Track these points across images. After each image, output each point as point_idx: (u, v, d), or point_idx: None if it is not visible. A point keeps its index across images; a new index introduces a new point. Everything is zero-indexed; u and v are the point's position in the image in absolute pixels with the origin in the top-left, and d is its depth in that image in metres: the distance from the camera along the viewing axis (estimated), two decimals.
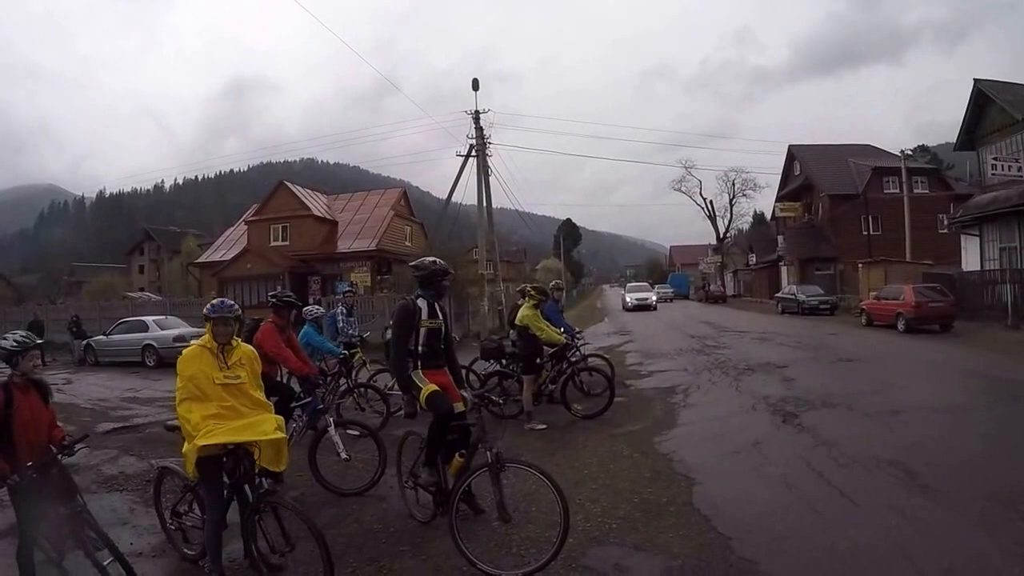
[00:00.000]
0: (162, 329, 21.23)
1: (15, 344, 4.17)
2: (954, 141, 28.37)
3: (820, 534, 4.75)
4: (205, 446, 4.06)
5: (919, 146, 59.83)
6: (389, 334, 5.85)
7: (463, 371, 6.65)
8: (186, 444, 4.18)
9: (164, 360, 19.15)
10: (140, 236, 79.49)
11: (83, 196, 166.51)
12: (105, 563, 4.15)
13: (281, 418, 4.55)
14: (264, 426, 4.29)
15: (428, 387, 5.18)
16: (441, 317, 5.50)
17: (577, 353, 10.29)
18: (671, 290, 58.24)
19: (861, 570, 4.13)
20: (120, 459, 8.16)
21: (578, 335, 10.75)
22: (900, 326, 19.51)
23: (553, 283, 11.81)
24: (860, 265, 32.46)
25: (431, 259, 5.66)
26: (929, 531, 4.66)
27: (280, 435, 4.35)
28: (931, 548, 4.36)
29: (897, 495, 5.41)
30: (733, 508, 5.38)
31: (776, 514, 5.21)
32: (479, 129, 27.66)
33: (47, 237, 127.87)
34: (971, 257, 24.95)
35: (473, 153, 27.79)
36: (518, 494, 5.61)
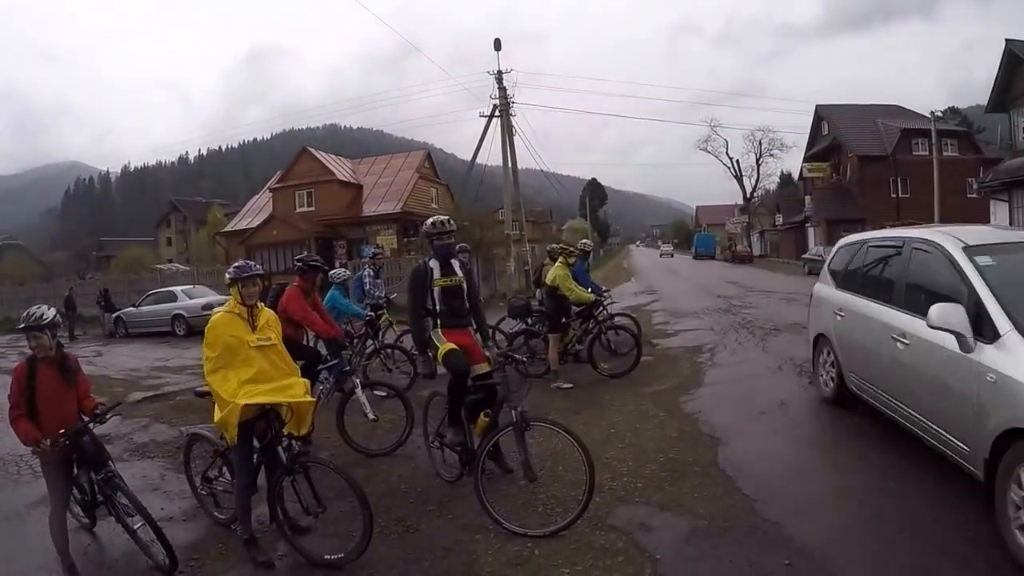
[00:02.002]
0: (190, 298, 21.50)
1: (32, 319, 4.22)
2: (986, 103, 27.74)
3: (844, 498, 4.75)
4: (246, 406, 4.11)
5: (949, 108, 58.54)
6: None
7: (490, 330, 6.71)
8: (217, 412, 4.19)
9: (193, 329, 19.42)
10: (166, 208, 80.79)
11: (108, 171, 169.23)
12: (136, 527, 4.25)
13: (307, 381, 4.58)
14: (295, 389, 4.33)
15: (444, 346, 5.25)
16: (461, 275, 5.49)
17: (604, 312, 10.36)
18: (672, 248, 56.66)
19: (883, 535, 4.13)
20: (151, 427, 8.30)
21: (605, 294, 10.81)
22: None
23: (581, 242, 11.87)
24: (888, 227, 31.98)
25: (431, 219, 5.63)
26: (954, 499, 4.58)
27: (311, 399, 4.42)
28: (956, 516, 4.30)
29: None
30: (758, 469, 5.38)
31: (801, 477, 5.21)
32: (502, 89, 27.48)
33: (74, 214, 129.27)
34: (1000, 223, 24.40)
35: (497, 114, 27.64)
36: (544, 453, 5.67)
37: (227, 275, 4.44)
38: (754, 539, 4.20)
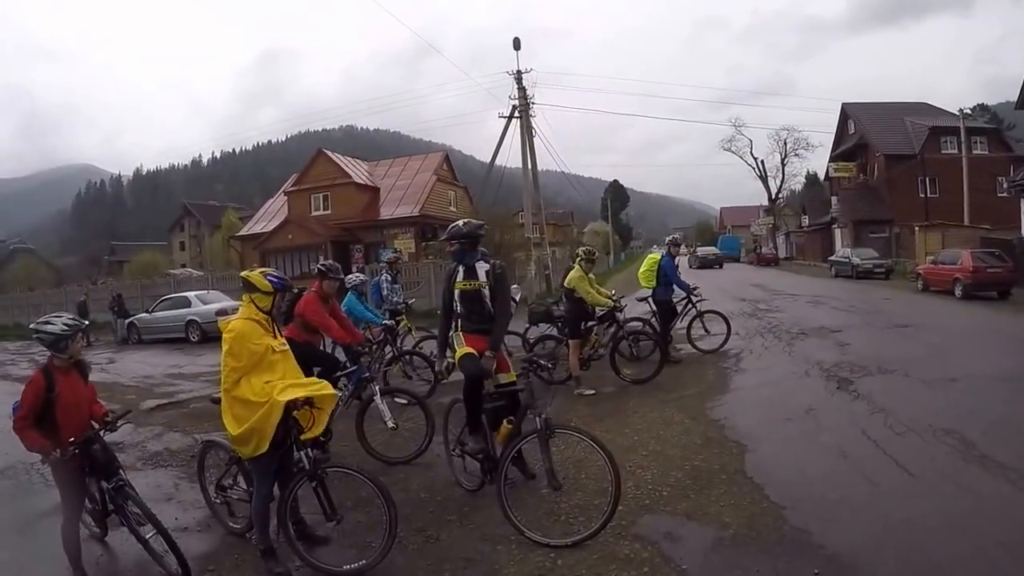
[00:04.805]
0: (204, 304, 21.45)
1: (65, 328, 4.17)
2: (1016, 98, 27.26)
3: (874, 504, 4.66)
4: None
5: (978, 105, 57.75)
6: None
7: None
8: (235, 425, 4.12)
9: (208, 335, 19.47)
10: (179, 212, 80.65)
11: (120, 174, 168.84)
12: (148, 537, 4.20)
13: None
14: (319, 385, 4.39)
15: (462, 349, 5.24)
16: (484, 280, 5.38)
17: (693, 310, 10.94)
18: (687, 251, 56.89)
19: (915, 542, 4.05)
20: (165, 435, 8.28)
21: (695, 292, 11.04)
22: (957, 292, 18.91)
23: (670, 238, 12.08)
24: (916, 228, 31.59)
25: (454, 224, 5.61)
26: (985, 503, 4.54)
27: (333, 392, 4.51)
28: (986, 521, 4.26)
29: (953, 465, 5.28)
30: (786, 476, 5.32)
31: (830, 483, 5.13)
32: (522, 89, 27.44)
33: (85, 217, 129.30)
34: None
35: (516, 114, 27.58)
36: (567, 461, 5.61)
37: (269, 280, 4.36)
38: (782, 547, 4.14)
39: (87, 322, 4.53)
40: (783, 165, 58.34)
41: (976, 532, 4.10)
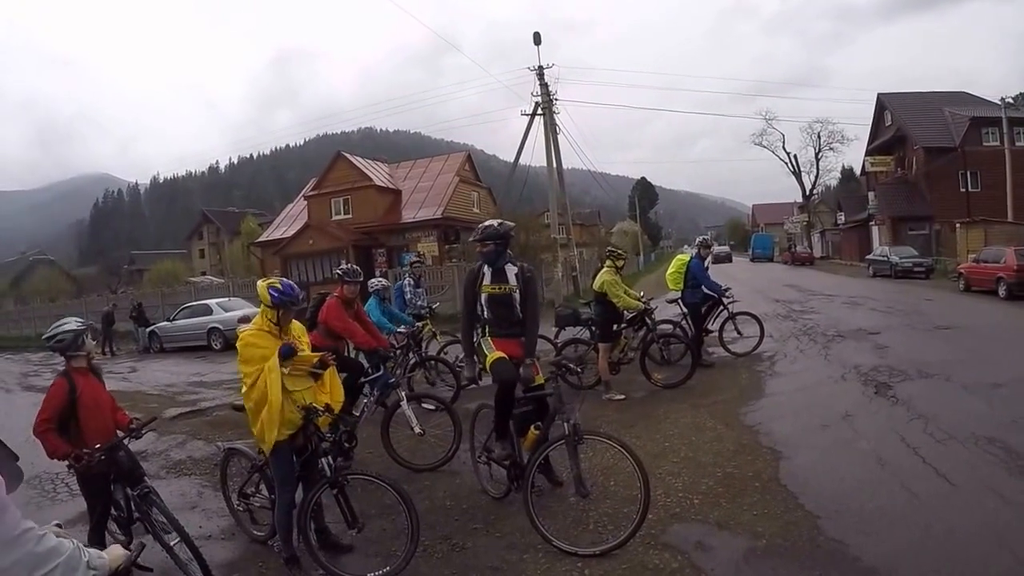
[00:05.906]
0: (226, 311, 21.37)
1: (79, 323, 4.26)
2: None
3: (913, 515, 4.53)
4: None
5: (1021, 93, 56.07)
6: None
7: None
8: (254, 422, 4.21)
9: (230, 342, 19.25)
10: (198, 219, 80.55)
11: (137, 183, 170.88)
12: (173, 544, 4.22)
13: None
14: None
15: (493, 354, 5.17)
16: (514, 284, 5.30)
17: (725, 312, 10.82)
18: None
19: (955, 555, 3.92)
20: (188, 443, 8.33)
21: (727, 293, 10.87)
22: (1001, 292, 18.39)
23: (700, 239, 11.96)
24: (958, 225, 30.88)
25: (479, 225, 5.52)
26: None
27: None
28: None
29: (996, 476, 5.09)
30: (821, 485, 5.20)
31: (867, 492, 4.99)
32: (544, 86, 27.06)
33: (103, 227, 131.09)
34: None
35: (539, 112, 27.20)
36: (595, 468, 5.52)
37: (269, 295, 4.33)
38: (817, 559, 4.05)
39: (97, 326, 4.66)
40: (817, 160, 56.57)
41: (1020, 545, 3.96)
